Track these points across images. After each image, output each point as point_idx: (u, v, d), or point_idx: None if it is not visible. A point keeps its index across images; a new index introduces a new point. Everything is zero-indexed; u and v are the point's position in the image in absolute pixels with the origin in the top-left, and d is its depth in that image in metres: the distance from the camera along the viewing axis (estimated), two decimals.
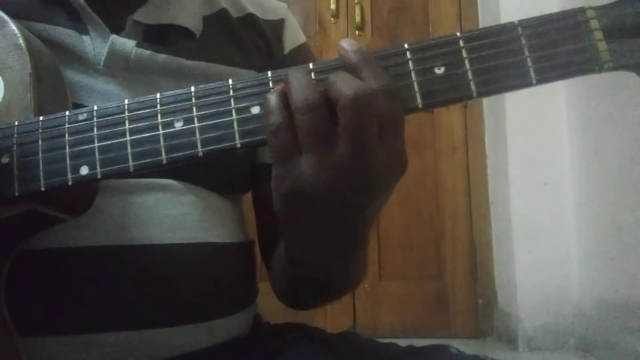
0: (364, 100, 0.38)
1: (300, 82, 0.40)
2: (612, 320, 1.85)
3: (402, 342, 0.60)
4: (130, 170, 0.42)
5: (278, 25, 0.69)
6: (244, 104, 0.42)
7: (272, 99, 0.40)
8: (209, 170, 0.57)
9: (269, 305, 0.63)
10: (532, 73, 0.40)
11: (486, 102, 2.40)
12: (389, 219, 2.40)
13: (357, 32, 2.50)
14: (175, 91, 0.43)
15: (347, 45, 0.41)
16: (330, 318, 2.25)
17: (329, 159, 0.39)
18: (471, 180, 2.41)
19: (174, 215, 0.55)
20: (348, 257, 0.49)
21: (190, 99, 0.43)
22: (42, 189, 0.43)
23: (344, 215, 0.42)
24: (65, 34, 0.54)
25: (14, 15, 0.50)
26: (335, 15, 2.51)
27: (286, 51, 0.68)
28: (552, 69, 0.40)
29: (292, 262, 0.51)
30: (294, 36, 0.70)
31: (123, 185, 0.53)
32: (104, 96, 0.54)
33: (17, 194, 0.43)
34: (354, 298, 2.34)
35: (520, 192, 2.15)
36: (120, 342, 0.50)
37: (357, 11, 2.50)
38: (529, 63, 0.40)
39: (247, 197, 0.68)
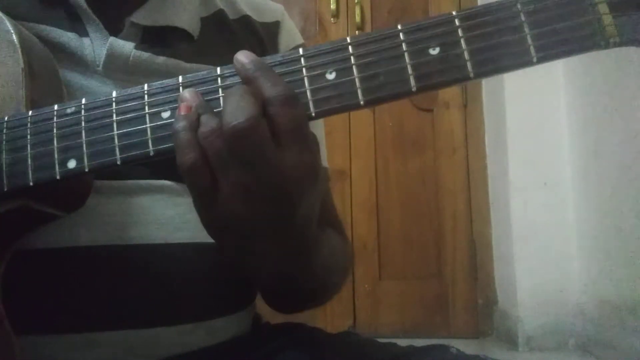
0: (244, 133, 0.38)
1: (207, 111, 0.40)
2: (612, 320, 1.85)
3: (402, 342, 0.60)
4: (118, 163, 0.42)
5: (273, 28, 0.69)
6: None
7: (183, 133, 0.40)
8: None
9: None
10: (532, 51, 0.38)
11: (486, 102, 2.40)
12: (389, 219, 2.40)
13: (357, 32, 2.49)
14: (163, 81, 0.43)
15: (242, 57, 0.41)
16: (330, 318, 2.25)
17: (240, 182, 0.40)
18: (471, 180, 2.41)
19: (172, 215, 0.55)
20: (301, 264, 0.49)
21: (178, 89, 0.42)
22: (31, 183, 0.43)
23: (270, 230, 0.43)
24: (64, 36, 0.54)
25: (14, 17, 0.50)
26: (335, 15, 2.51)
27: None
28: (554, 45, 0.38)
29: (248, 276, 0.52)
30: (289, 38, 0.69)
31: (121, 187, 0.53)
32: None
33: (5, 190, 0.43)
34: (354, 298, 2.34)
35: (520, 192, 2.15)
36: (119, 341, 0.50)
37: (357, 11, 2.50)
38: (529, 40, 0.38)
39: None
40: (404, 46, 0.40)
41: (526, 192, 2.14)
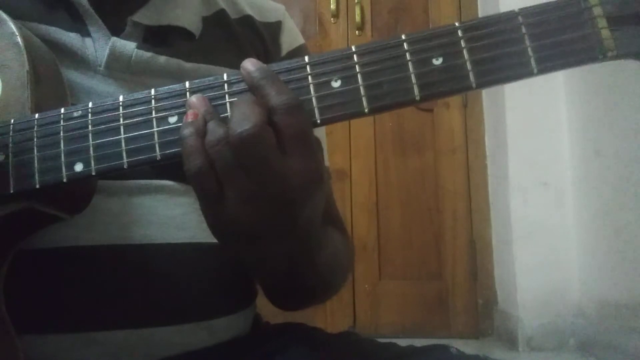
0: (251, 141, 0.39)
1: (214, 119, 0.41)
2: (612, 320, 1.85)
3: (402, 342, 0.60)
4: (125, 167, 0.42)
5: (275, 28, 0.69)
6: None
7: (189, 139, 0.40)
8: None
9: (269, 305, 0.63)
10: (533, 62, 0.39)
11: (486, 102, 2.40)
12: (389, 219, 2.40)
13: (357, 32, 2.50)
14: (170, 87, 0.43)
15: (249, 65, 0.42)
16: (330, 318, 2.25)
17: (246, 191, 0.40)
18: (471, 180, 2.41)
19: (174, 215, 0.55)
20: (305, 264, 0.49)
21: (185, 94, 0.42)
22: (37, 186, 0.43)
23: (277, 232, 0.44)
24: (67, 36, 0.54)
25: (17, 17, 0.50)
26: (335, 15, 2.51)
27: (283, 53, 0.68)
28: (554, 57, 0.39)
29: (252, 276, 0.52)
30: (291, 38, 0.69)
31: (123, 187, 0.53)
32: (105, 98, 0.54)
33: (12, 192, 0.43)
34: (354, 298, 2.34)
35: (520, 192, 2.15)
36: (120, 340, 0.51)
37: (357, 11, 2.50)
38: (530, 52, 0.39)
39: None
40: (407, 56, 0.40)
41: (526, 192, 2.15)
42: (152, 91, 0.43)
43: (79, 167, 0.43)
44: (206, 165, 0.40)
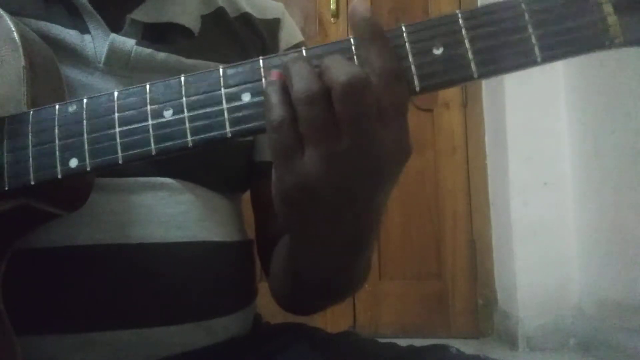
0: (359, 88, 0.36)
1: (301, 72, 0.38)
2: (612, 320, 1.85)
3: (402, 342, 0.59)
4: (120, 162, 0.42)
5: (274, 25, 0.69)
6: (234, 92, 0.41)
7: (273, 92, 0.38)
8: (207, 168, 0.57)
9: (269, 305, 0.63)
10: (536, 51, 0.38)
11: (486, 102, 2.40)
12: (389, 219, 2.39)
13: None
14: (165, 80, 0.42)
15: (360, 9, 0.39)
16: (330, 318, 2.25)
17: (331, 150, 0.37)
18: (471, 180, 2.41)
19: (173, 213, 0.54)
20: (355, 255, 0.47)
21: (180, 88, 0.42)
22: (32, 182, 0.42)
23: (350, 209, 0.41)
24: (66, 33, 0.54)
25: (15, 13, 0.49)
26: (335, 15, 2.51)
27: (282, 50, 0.68)
28: (559, 45, 0.38)
29: (298, 264, 0.50)
30: (289, 35, 0.70)
31: (122, 184, 0.53)
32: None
33: (7, 188, 0.43)
34: (354, 298, 2.34)
35: (520, 192, 2.15)
36: (119, 340, 0.50)
37: None
38: (534, 40, 0.38)
39: (246, 197, 0.68)
40: (407, 46, 0.39)
41: (526, 192, 2.14)
42: (147, 85, 0.43)
43: (73, 162, 0.42)
44: (290, 117, 0.37)
